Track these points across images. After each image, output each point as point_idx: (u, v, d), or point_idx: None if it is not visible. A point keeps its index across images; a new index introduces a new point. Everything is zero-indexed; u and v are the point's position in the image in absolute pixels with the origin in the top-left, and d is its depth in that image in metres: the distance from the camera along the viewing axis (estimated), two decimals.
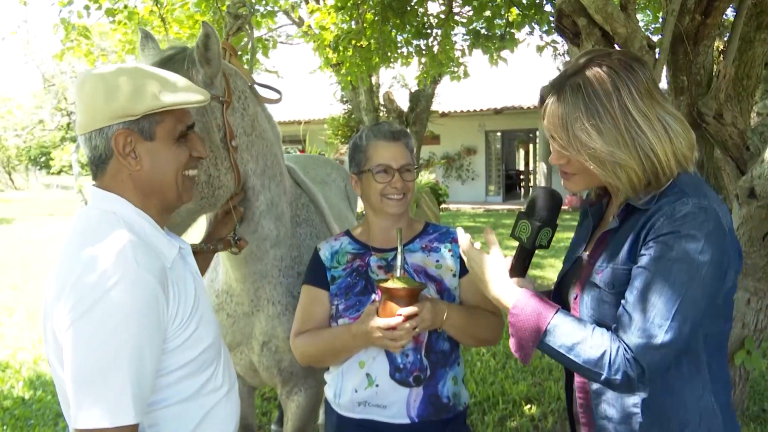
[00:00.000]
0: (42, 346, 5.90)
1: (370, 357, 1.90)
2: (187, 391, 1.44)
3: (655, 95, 1.42)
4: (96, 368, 1.24)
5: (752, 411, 4.10)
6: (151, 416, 1.39)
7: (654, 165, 1.40)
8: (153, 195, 1.46)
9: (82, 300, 1.25)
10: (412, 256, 1.99)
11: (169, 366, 1.40)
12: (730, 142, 3.64)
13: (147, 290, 1.29)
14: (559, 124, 1.46)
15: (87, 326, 1.25)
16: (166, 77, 1.44)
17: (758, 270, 3.64)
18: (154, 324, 1.31)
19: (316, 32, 6.76)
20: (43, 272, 9.77)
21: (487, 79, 14.81)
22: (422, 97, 12.28)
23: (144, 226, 1.42)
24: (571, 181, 1.55)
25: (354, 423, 1.94)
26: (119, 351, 1.25)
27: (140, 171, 1.42)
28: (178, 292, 1.40)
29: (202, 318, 1.48)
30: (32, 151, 40.55)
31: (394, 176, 1.93)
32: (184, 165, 1.48)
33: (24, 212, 21.67)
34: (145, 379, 1.30)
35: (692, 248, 1.31)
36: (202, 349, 1.46)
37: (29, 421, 4.23)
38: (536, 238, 1.58)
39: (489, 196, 21.61)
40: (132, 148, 1.40)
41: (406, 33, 6.47)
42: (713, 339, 1.44)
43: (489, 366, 5.04)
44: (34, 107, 30.69)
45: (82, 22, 6.84)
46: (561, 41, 7.54)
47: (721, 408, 1.44)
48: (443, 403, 1.93)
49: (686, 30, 3.53)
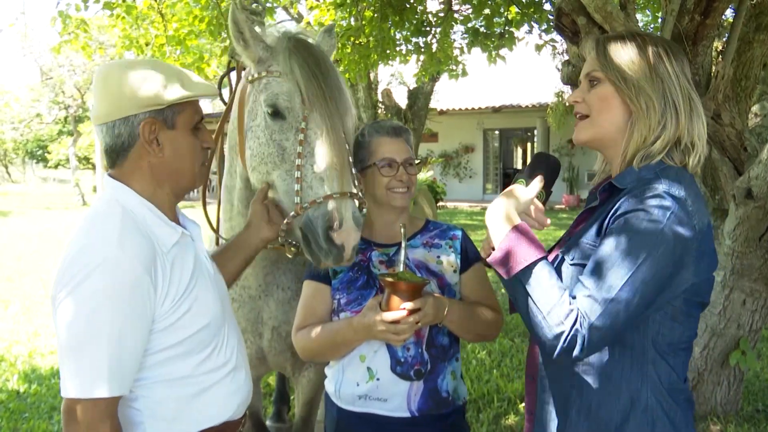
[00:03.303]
0: (37, 340, 5.90)
1: (371, 351, 1.92)
2: (180, 369, 1.51)
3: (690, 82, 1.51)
4: (76, 344, 1.36)
5: (746, 411, 4.11)
6: (143, 389, 1.48)
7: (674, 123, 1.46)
8: (167, 182, 1.56)
9: (69, 281, 1.37)
10: (413, 252, 2.02)
11: (159, 345, 1.47)
12: (728, 142, 3.64)
13: (129, 276, 1.38)
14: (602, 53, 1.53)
15: (70, 305, 1.36)
16: (184, 72, 1.56)
17: (754, 271, 3.65)
18: (137, 306, 1.39)
19: (315, 29, 6.75)
20: (39, 265, 9.75)
21: (486, 78, 14.82)
22: (421, 95, 12.28)
23: (145, 215, 1.50)
24: (579, 126, 1.59)
25: (355, 416, 1.95)
26: (98, 329, 1.36)
27: (161, 158, 1.53)
28: (171, 275, 1.47)
29: (197, 299, 1.53)
30: (29, 144, 40.47)
31: (398, 170, 1.97)
32: (199, 154, 1.60)
33: (21, 205, 21.63)
34: (125, 356, 1.39)
35: (651, 228, 1.35)
36: (196, 329, 1.52)
37: (24, 415, 4.23)
38: None
39: (486, 194, 21.63)
40: (155, 136, 1.50)
41: (405, 30, 6.47)
42: (664, 339, 1.44)
43: (484, 364, 5.05)
44: (32, 100, 30.56)
45: (81, 15, 6.82)
46: (560, 40, 7.53)
47: (664, 412, 1.44)
48: (443, 398, 1.95)
49: (685, 30, 3.52)
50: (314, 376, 2.57)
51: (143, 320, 1.42)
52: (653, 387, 1.44)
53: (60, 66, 23.50)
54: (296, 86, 1.90)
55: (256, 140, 1.98)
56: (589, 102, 1.55)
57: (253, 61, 2.01)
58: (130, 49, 7.25)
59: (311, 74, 1.90)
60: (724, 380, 3.98)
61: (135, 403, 1.48)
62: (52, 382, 4.79)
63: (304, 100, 1.88)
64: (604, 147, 1.59)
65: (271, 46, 2.01)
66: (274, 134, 1.92)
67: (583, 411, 1.48)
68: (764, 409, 4.17)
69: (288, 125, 1.90)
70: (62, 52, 9.04)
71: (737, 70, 4.10)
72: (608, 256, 1.36)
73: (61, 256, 1.44)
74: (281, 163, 1.90)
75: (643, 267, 1.33)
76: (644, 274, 1.34)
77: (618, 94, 1.51)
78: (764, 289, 3.74)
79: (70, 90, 24.89)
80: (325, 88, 1.89)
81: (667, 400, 1.45)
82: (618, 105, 1.52)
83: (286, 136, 1.90)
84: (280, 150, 1.91)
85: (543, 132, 19.72)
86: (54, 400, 4.44)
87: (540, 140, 20.20)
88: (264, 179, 1.98)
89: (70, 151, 25.64)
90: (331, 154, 1.83)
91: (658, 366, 1.45)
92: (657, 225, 1.35)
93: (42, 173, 44.48)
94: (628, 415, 1.44)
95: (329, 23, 2.24)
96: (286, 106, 1.91)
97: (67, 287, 1.37)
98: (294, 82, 1.90)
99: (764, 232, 3.47)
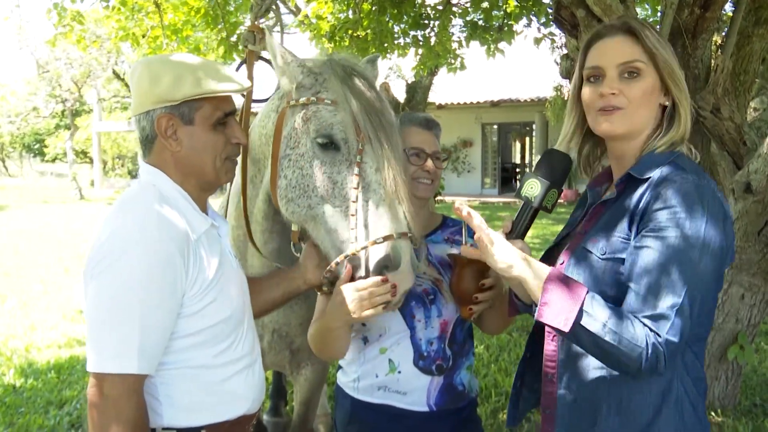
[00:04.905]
0: (34, 334, 5.89)
1: (394, 343, 1.92)
2: (200, 358, 1.54)
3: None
4: (108, 318, 1.40)
5: (744, 405, 4.11)
6: (163, 375, 1.50)
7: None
8: (191, 174, 1.60)
9: (103, 260, 1.41)
10: (435, 247, 2.02)
11: (183, 330, 1.50)
12: (727, 136, 3.63)
13: (163, 255, 1.42)
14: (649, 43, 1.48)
15: (104, 281, 1.40)
16: (207, 67, 1.57)
17: (753, 265, 3.65)
18: (168, 286, 1.43)
19: (312, 22, 6.72)
20: (36, 260, 9.73)
21: (485, 72, 14.78)
22: (419, 89, 12.23)
23: (178, 199, 1.56)
24: (612, 118, 1.49)
25: (370, 407, 1.95)
26: (129, 306, 1.39)
27: (180, 152, 1.57)
28: (200, 262, 1.51)
29: (222, 292, 1.56)
30: (26, 138, 40.34)
31: (426, 160, 1.97)
32: (222, 149, 1.61)
33: (18, 199, 21.59)
34: (154, 335, 1.43)
35: (697, 225, 1.32)
36: (217, 320, 1.55)
37: (20, 409, 4.21)
38: (544, 198, 1.55)
39: (485, 188, 21.62)
40: (174, 131, 1.55)
41: (403, 24, 6.44)
42: (692, 328, 1.42)
43: (482, 359, 5.04)
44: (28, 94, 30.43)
45: (76, 7, 6.78)
46: (559, 33, 7.51)
47: (691, 403, 1.45)
48: (459, 392, 1.97)
49: (685, 23, 3.51)
50: (312, 375, 2.56)
51: (173, 300, 1.45)
52: (681, 378, 1.43)
53: (57, 59, 23.38)
54: (351, 117, 1.76)
55: (298, 171, 1.82)
56: (628, 95, 1.47)
57: (293, 84, 1.89)
58: (125, 41, 7.21)
59: (369, 105, 1.79)
60: (722, 375, 3.98)
61: (154, 391, 1.50)
62: (48, 377, 4.77)
63: (360, 133, 1.75)
64: (630, 139, 1.53)
65: (314, 71, 1.88)
66: (324, 167, 1.77)
67: (614, 406, 1.46)
68: (762, 403, 4.18)
69: (342, 157, 1.76)
70: (59, 45, 8.97)
71: (736, 64, 4.09)
72: (660, 264, 1.33)
73: (95, 235, 1.47)
74: (330, 198, 1.76)
75: (699, 269, 1.32)
76: (702, 276, 1.32)
77: (660, 89, 1.48)
78: (763, 283, 3.74)
79: (67, 83, 24.78)
80: (384, 122, 1.78)
81: (692, 391, 1.45)
82: (656, 99, 1.49)
83: (338, 169, 1.76)
84: (330, 183, 1.76)
85: (541, 126, 19.69)
86: (50, 395, 4.43)
87: (538, 134, 20.18)
88: (304, 213, 1.82)
89: (68, 145, 25.56)
90: (391, 191, 1.70)
91: (686, 355, 1.44)
92: (701, 223, 1.33)
93: (39, 167, 44.37)
94: (660, 408, 1.42)
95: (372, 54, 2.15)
96: (342, 137, 1.76)
97: (102, 263, 1.41)
98: (349, 112, 1.77)
99: (763, 227, 3.47)
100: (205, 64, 1.59)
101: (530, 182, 1.57)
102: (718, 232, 1.34)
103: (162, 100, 1.53)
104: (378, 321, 1.92)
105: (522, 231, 1.59)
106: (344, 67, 1.87)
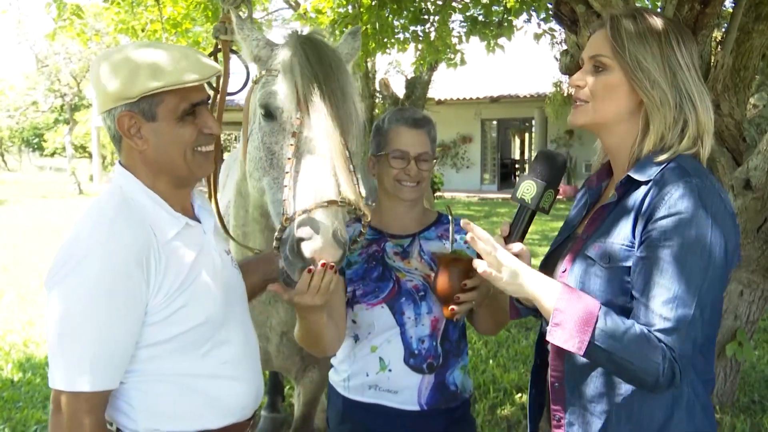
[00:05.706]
0: (32, 329, 5.88)
1: (384, 341, 1.90)
2: (174, 366, 1.47)
3: (698, 70, 1.46)
4: (61, 335, 1.36)
5: (742, 402, 4.11)
6: (136, 383, 1.45)
7: (684, 115, 1.41)
8: (162, 172, 1.51)
9: (58, 272, 1.38)
10: (428, 244, 1.99)
11: (151, 339, 1.44)
12: (727, 132, 3.63)
13: (118, 265, 1.36)
14: (617, 38, 1.44)
15: (57, 296, 1.36)
16: (169, 57, 1.44)
17: (752, 262, 3.64)
18: (125, 296, 1.37)
19: (312, 16, 6.70)
20: (35, 254, 9.72)
21: (484, 67, 14.73)
22: (418, 84, 12.20)
23: (145, 203, 1.48)
24: (576, 110, 1.52)
25: (361, 407, 1.93)
26: (83, 321, 1.35)
27: (147, 150, 1.47)
28: (167, 267, 1.43)
29: (194, 296, 1.47)
30: (25, 132, 40.33)
31: (409, 163, 1.91)
32: (192, 142, 1.49)
33: (16, 194, 21.56)
34: (113, 349, 1.38)
35: (702, 232, 1.30)
36: (190, 326, 1.47)
37: (18, 404, 4.21)
38: (540, 199, 1.53)
39: (484, 184, 21.62)
40: (137, 129, 1.45)
41: (403, 18, 6.41)
42: (702, 331, 1.40)
43: (480, 355, 5.05)
44: (27, 88, 30.43)
45: (75, 1, 6.75)
46: (559, 29, 7.50)
47: (701, 405, 1.43)
48: (451, 392, 1.94)
49: (685, 19, 3.49)
50: (317, 376, 2.55)
51: (133, 312, 1.39)
52: (692, 382, 1.41)
53: (56, 54, 23.37)
54: (293, 86, 1.69)
55: (252, 144, 1.83)
56: (592, 88, 1.47)
57: (252, 59, 1.89)
58: (126, 34, 7.19)
59: (312, 74, 1.70)
60: (720, 371, 3.98)
61: (127, 397, 1.46)
62: (46, 372, 4.72)
63: (300, 102, 1.68)
64: (604, 133, 1.53)
65: (270, 43, 1.87)
66: (265, 137, 1.76)
67: (624, 414, 1.43)
68: (760, 400, 4.18)
69: (279, 127, 1.73)
70: (58, 40, 8.95)
71: (736, 60, 4.07)
72: (667, 274, 1.30)
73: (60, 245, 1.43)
74: (270, 168, 1.74)
75: (707, 276, 1.30)
76: (710, 283, 1.30)
77: (628, 84, 1.44)
78: (761, 280, 3.74)
79: (66, 78, 24.78)
80: (326, 90, 1.68)
81: (702, 393, 1.43)
82: (625, 95, 1.45)
83: (275, 139, 1.74)
84: (269, 154, 1.74)
85: (541, 122, 19.68)
86: (48, 390, 4.40)
87: (538, 130, 20.17)
88: (256, 186, 1.83)
89: (67, 140, 25.55)
90: (324, 160, 1.61)
91: (695, 358, 1.41)
92: (706, 229, 1.30)
93: (38, 162, 44.33)
94: (671, 413, 1.40)
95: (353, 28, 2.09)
96: (278, 106, 1.73)
97: (55, 278, 1.37)
98: (291, 82, 1.70)
99: (762, 224, 3.47)
100: (168, 54, 1.45)
101: (526, 184, 1.54)
102: (723, 236, 1.31)
103: (120, 97, 1.42)
104: (366, 317, 1.90)
105: (520, 234, 1.56)
106: (299, 38, 1.79)
